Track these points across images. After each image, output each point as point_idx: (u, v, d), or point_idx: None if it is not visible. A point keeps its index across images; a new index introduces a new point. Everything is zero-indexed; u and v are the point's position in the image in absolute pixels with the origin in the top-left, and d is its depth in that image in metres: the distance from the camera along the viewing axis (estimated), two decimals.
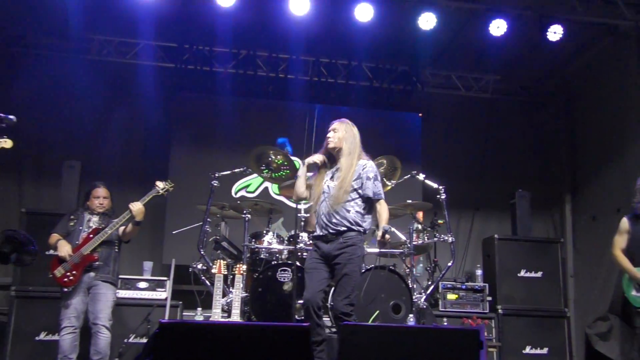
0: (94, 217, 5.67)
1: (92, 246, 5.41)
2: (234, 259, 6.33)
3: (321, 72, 9.03)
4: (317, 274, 4.71)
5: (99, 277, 5.45)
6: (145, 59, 8.60)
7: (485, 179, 9.20)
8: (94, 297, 5.42)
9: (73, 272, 5.35)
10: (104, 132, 8.36)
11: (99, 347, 5.34)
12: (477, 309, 7.08)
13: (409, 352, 2.70)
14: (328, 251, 4.72)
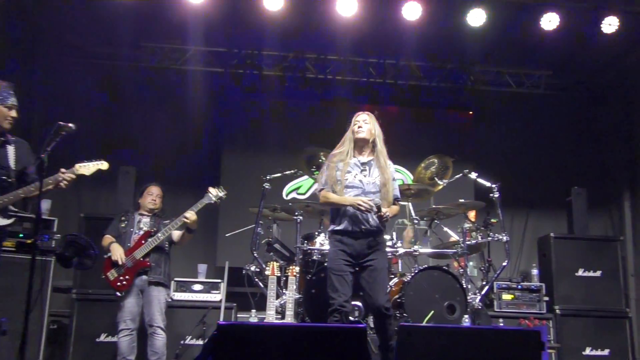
0: (144, 218, 5.77)
1: (145, 251, 5.50)
2: (286, 260, 6.35)
3: (369, 72, 9.01)
4: (347, 278, 4.58)
5: (151, 279, 5.53)
6: (196, 64, 8.73)
7: (539, 176, 9.01)
8: (148, 300, 5.51)
9: (126, 276, 5.46)
10: (157, 138, 8.51)
11: (155, 348, 5.44)
12: (533, 310, 6.93)
13: (469, 353, 2.66)
14: (360, 249, 4.61)
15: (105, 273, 5.47)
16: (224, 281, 6.59)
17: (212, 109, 8.77)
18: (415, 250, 6.17)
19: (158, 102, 8.62)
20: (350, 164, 4.71)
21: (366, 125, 4.82)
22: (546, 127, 9.17)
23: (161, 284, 5.59)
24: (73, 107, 7.97)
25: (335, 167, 4.70)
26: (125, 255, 5.49)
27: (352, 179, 4.68)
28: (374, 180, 4.70)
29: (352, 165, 4.71)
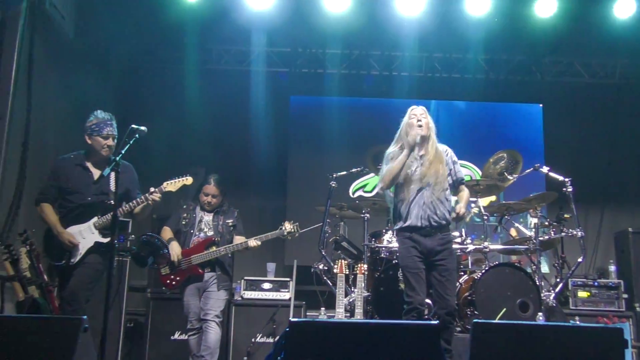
0: (205, 216, 5.65)
1: (203, 260, 5.42)
2: (354, 258, 6.36)
3: (435, 68, 8.91)
4: (422, 275, 4.52)
5: (220, 286, 5.48)
6: (261, 65, 8.84)
7: (615, 169, 8.70)
8: (207, 296, 5.45)
9: (177, 277, 5.42)
10: (225, 139, 8.68)
11: (208, 342, 5.33)
12: (612, 307, 6.70)
13: (546, 351, 2.57)
14: (431, 246, 4.53)
15: (159, 266, 5.41)
16: (293, 279, 6.64)
17: (277, 109, 8.86)
18: (485, 246, 6.06)
19: (225, 103, 8.76)
20: (412, 160, 4.67)
21: (425, 120, 4.77)
22: (621, 117, 8.83)
23: (226, 290, 5.59)
24: (145, 111, 8.20)
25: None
26: (182, 256, 5.42)
27: (413, 173, 4.65)
28: (434, 172, 4.62)
29: (412, 161, 4.68)
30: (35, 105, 6.18)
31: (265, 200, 5.66)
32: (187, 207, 5.72)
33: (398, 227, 4.70)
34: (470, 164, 8.72)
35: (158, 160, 8.45)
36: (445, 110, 9.04)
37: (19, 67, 6.02)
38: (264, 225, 8.49)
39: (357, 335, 2.51)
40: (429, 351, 2.45)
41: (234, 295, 6.64)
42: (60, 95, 6.92)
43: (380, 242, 6.18)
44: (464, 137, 8.93)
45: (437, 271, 4.53)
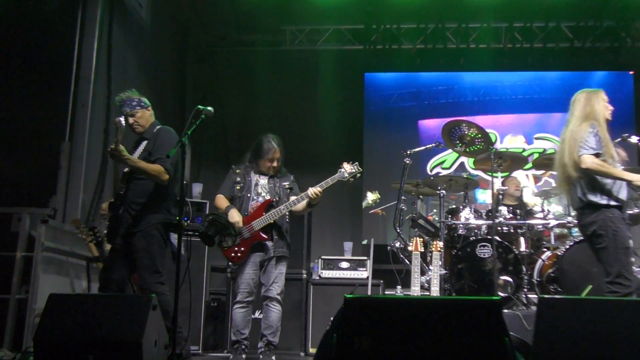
0: (261, 179, 5.20)
1: (265, 223, 4.98)
2: (431, 236, 6.24)
3: (515, 38, 8.57)
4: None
5: (277, 253, 5.07)
6: (335, 43, 8.80)
7: None
8: (268, 270, 5.07)
9: (242, 248, 5.00)
10: (301, 118, 8.70)
11: (270, 321, 5.04)
12: None
13: (617, 327, 2.42)
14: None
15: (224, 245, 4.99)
16: (370, 258, 6.58)
17: (353, 86, 8.80)
18: (569, 222, 5.80)
19: (298, 83, 8.79)
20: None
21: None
22: None
23: (285, 257, 5.17)
24: (220, 95, 8.34)
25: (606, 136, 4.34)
26: (244, 224, 4.99)
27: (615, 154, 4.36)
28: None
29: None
30: (115, 92, 6.35)
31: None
32: (240, 172, 5.26)
33: (607, 202, 4.29)
34: (554, 136, 8.39)
35: (232, 141, 8.61)
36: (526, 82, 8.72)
37: (99, 55, 6.22)
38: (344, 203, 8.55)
39: (414, 311, 2.44)
40: (490, 327, 2.35)
41: (312, 274, 6.66)
42: (139, 81, 7.10)
43: (457, 219, 6.02)
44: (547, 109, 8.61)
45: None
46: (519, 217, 5.89)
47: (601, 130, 4.30)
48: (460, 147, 6.20)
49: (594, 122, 4.33)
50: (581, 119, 4.43)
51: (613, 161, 4.21)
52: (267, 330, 5.08)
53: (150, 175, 4.42)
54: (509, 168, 6.48)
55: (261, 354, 5.08)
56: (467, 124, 6.11)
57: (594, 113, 4.40)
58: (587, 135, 4.27)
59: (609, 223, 4.20)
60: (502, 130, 8.55)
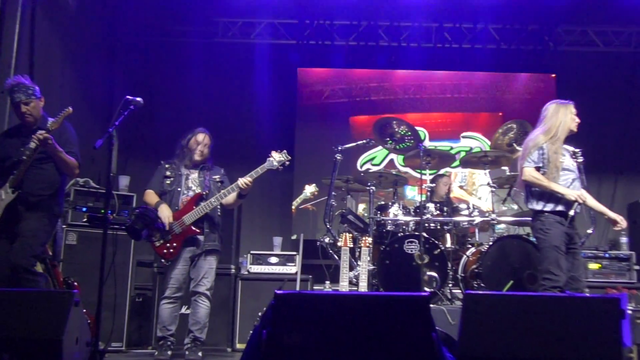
0: (192, 173, 5.21)
1: (196, 217, 4.97)
2: (360, 232, 6.30)
3: (445, 38, 8.75)
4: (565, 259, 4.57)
5: (206, 247, 5.06)
6: (268, 37, 8.74)
7: (629, 140, 8.52)
8: (198, 265, 5.05)
9: (173, 243, 4.97)
10: (231, 113, 8.60)
11: (198, 317, 5.04)
12: (623, 279, 6.60)
13: (540, 321, 2.51)
14: (573, 234, 4.68)
15: (153, 240, 5.00)
16: (299, 253, 6.59)
17: (285, 81, 8.77)
18: (493, 218, 5.98)
19: (231, 77, 8.68)
20: (561, 149, 4.72)
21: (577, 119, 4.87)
22: (636, 88, 8.62)
23: (215, 251, 5.15)
24: (150, 86, 8.15)
25: (555, 151, 4.66)
26: (174, 219, 4.97)
27: (567, 162, 4.73)
28: (576, 165, 4.81)
29: (563, 151, 4.73)
30: (39, 79, 6.08)
31: (272, 174, 5.56)
32: (169, 166, 5.26)
33: (551, 208, 4.62)
34: (479, 134, 8.62)
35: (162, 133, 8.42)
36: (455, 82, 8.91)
37: (21, 40, 5.94)
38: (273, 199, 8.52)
39: (344, 307, 2.45)
40: (418, 322, 2.39)
41: (240, 269, 6.61)
42: (64, 68, 6.86)
43: (386, 215, 6.10)
44: (474, 108, 8.83)
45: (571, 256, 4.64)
46: (445, 214, 6.02)
47: (551, 145, 4.62)
48: (390, 144, 6.30)
49: (544, 136, 4.67)
50: (542, 129, 4.76)
51: (557, 171, 4.54)
52: (195, 326, 5.04)
53: (67, 167, 4.35)
54: (437, 165, 6.62)
55: (187, 350, 5.03)
56: (397, 122, 6.21)
57: (557, 125, 4.71)
58: (531, 147, 4.67)
59: (542, 227, 4.58)
60: (431, 127, 8.71)
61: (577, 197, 4.48)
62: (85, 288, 4.81)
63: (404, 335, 2.41)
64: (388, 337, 2.41)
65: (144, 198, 5.17)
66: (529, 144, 4.73)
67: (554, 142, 4.64)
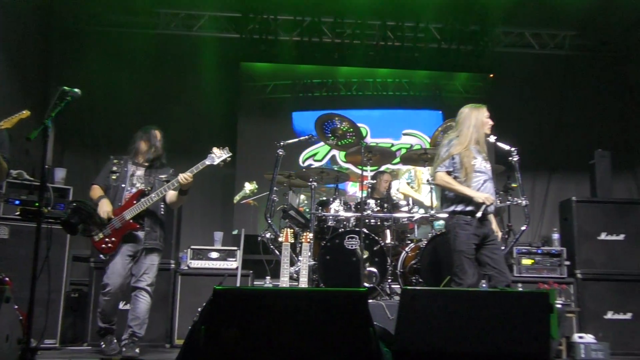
0: (138, 170, 5.16)
1: (136, 212, 4.93)
2: (302, 227, 6.32)
3: (387, 36, 8.85)
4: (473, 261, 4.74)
5: (147, 245, 5.02)
6: (211, 30, 8.65)
7: (562, 139, 8.83)
8: (139, 261, 5.01)
9: (112, 238, 4.90)
10: (173, 105, 8.48)
11: (137, 312, 4.98)
12: (554, 274, 6.81)
13: (474, 316, 2.59)
14: (487, 231, 4.80)
15: (90, 233, 4.92)
16: (240, 248, 6.56)
17: (228, 75, 8.69)
18: (431, 215, 6.09)
19: (175, 68, 8.55)
20: (474, 151, 4.85)
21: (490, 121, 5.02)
22: (569, 89, 8.95)
23: (157, 249, 5.11)
24: (89, 76, 7.95)
25: (466, 155, 4.79)
26: (114, 215, 4.91)
27: (479, 165, 4.83)
28: (489, 167, 4.93)
29: (475, 153, 4.85)
30: None
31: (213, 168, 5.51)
32: (117, 162, 5.19)
33: (461, 209, 4.76)
34: (420, 132, 8.77)
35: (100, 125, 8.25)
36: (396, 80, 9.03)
37: None
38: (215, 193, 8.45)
39: (283, 303, 2.46)
40: (356, 317, 2.42)
41: (180, 264, 6.54)
42: None
43: (328, 211, 6.14)
44: (415, 106, 8.97)
45: (487, 251, 4.77)
46: (385, 210, 6.10)
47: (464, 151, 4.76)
48: (332, 140, 6.34)
49: (455, 140, 4.83)
50: (455, 132, 4.91)
51: (468, 175, 4.70)
52: (134, 322, 4.99)
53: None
54: (378, 162, 6.70)
55: (124, 346, 4.96)
56: (339, 118, 6.25)
57: (470, 132, 4.83)
58: (443, 152, 4.85)
59: (451, 229, 4.78)
60: (373, 124, 8.80)
61: (484, 200, 4.62)
62: (17, 284, 4.67)
63: (342, 330, 2.44)
64: (326, 332, 2.44)
65: (90, 193, 5.10)
66: (442, 150, 4.88)
67: (466, 148, 4.79)
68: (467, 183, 4.70)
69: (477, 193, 4.67)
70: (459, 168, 4.73)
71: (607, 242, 7.09)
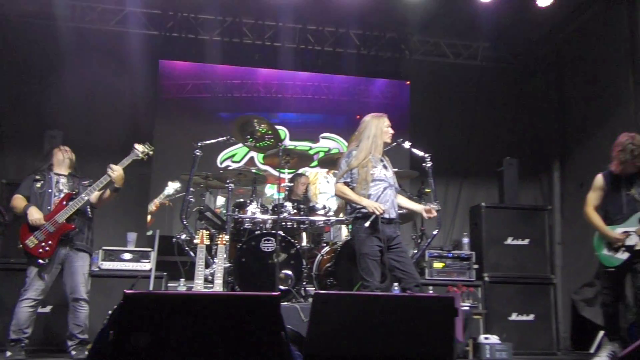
0: (61, 178, 5.39)
1: (68, 214, 5.15)
2: (218, 229, 6.28)
3: (308, 40, 8.91)
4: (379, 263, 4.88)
5: (76, 245, 5.23)
6: (130, 26, 8.44)
7: (474, 146, 9.13)
8: (71, 270, 5.21)
9: (49, 242, 5.10)
10: (88, 101, 8.22)
11: (79, 321, 5.21)
12: (463, 277, 7.07)
13: (383, 320, 2.67)
14: (389, 234, 4.94)
15: (24, 241, 5.11)
16: (154, 250, 6.45)
17: (147, 72, 8.49)
18: (347, 219, 6.17)
19: (91, 63, 8.27)
20: (374, 160, 5.01)
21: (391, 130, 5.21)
22: (481, 98, 9.27)
23: (85, 251, 5.32)
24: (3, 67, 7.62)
25: (364, 165, 4.95)
26: (46, 220, 5.11)
27: (379, 173, 5.00)
28: (391, 175, 5.12)
29: (375, 161, 5.02)
30: None
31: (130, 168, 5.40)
32: (38, 172, 5.42)
33: (362, 213, 4.91)
34: (338, 137, 8.88)
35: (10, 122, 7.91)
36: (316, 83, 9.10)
37: None
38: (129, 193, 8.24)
39: (194, 307, 2.45)
40: (268, 321, 2.45)
41: (91, 265, 6.35)
42: None
43: (244, 213, 6.13)
44: (333, 110, 9.07)
45: (393, 254, 4.93)
46: (302, 213, 6.15)
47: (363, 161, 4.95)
48: (250, 142, 6.34)
49: (355, 150, 5.03)
50: (357, 141, 5.12)
51: (367, 184, 4.90)
52: (77, 329, 5.21)
53: None
54: (296, 165, 6.75)
55: (74, 350, 5.17)
56: (258, 120, 6.26)
57: (369, 144, 5.03)
58: (342, 163, 5.06)
59: (355, 234, 4.97)
60: (292, 127, 8.84)
61: (374, 209, 4.78)
62: None
63: (254, 335, 2.46)
64: (238, 337, 2.45)
65: (12, 203, 5.30)
66: (342, 162, 5.08)
67: (365, 159, 4.98)
68: (366, 192, 4.89)
69: (369, 202, 4.84)
70: (357, 179, 4.93)
71: (513, 246, 7.44)
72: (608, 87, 7.85)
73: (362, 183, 4.90)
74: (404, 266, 4.93)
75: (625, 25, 7.41)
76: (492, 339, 6.10)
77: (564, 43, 8.96)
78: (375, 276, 4.81)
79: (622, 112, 7.46)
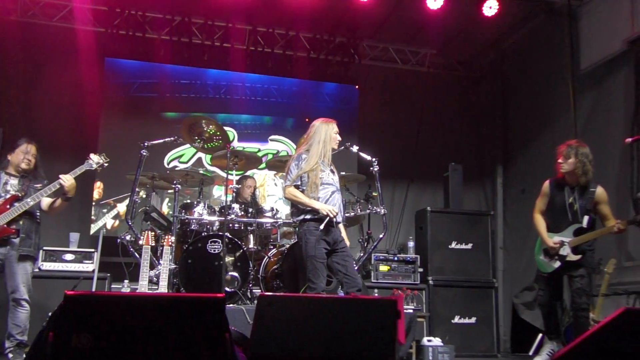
0: (11, 179, 5.21)
1: (10, 217, 4.99)
2: (164, 230, 6.21)
3: (258, 42, 8.89)
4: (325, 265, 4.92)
5: (20, 252, 5.07)
6: (74, 22, 8.25)
7: (420, 151, 9.27)
8: (12, 271, 5.06)
9: None
10: (31, 98, 8.00)
11: (18, 321, 5.06)
12: (408, 280, 7.18)
13: (327, 322, 2.69)
14: (336, 237, 5.01)
15: None
16: (98, 251, 6.33)
17: (93, 70, 8.31)
18: (294, 221, 6.18)
19: (33, 59, 8.06)
20: (322, 165, 5.07)
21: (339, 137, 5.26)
22: (428, 104, 9.42)
23: (30, 256, 5.17)
24: None
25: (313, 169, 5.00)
26: None
27: (327, 178, 5.06)
28: (337, 179, 5.22)
29: (324, 166, 5.08)
30: None
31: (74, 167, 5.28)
32: None
33: (310, 217, 4.95)
34: (287, 139, 8.89)
35: None
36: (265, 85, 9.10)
37: None
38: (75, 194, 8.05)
39: (137, 309, 2.42)
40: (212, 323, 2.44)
41: None
42: None
43: (191, 214, 6.07)
44: (282, 113, 9.07)
45: (338, 256, 5.00)
46: (249, 215, 6.14)
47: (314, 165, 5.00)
48: (198, 143, 6.27)
49: (305, 154, 5.07)
50: (306, 146, 5.14)
51: (316, 187, 4.96)
52: (16, 330, 5.05)
53: None
54: (245, 167, 6.73)
55: (10, 353, 5.01)
56: (206, 121, 6.20)
57: (319, 149, 5.07)
58: (292, 167, 5.08)
59: (302, 236, 4.99)
60: (240, 129, 8.80)
61: (327, 212, 4.85)
62: None
63: (198, 336, 2.45)
64: (182, 339, 2.43)
65: None
66: (292, 165, 5.11)
67: (315, 163, 5.04)
68: (315, 195, 4.95)
69: (322, 205, 4.91)
70: (307, 182, 4.98)
71: (457, 250, 7.59)
72: (549, 96, 8.10)
73: (312, 186, 4.95)
74: (347, 270, 4.99)
75: (567, 37, 7.66)
76: (435, 341, 6.19)
77: (509, 52, 9.22)
78: (321, 278, 4.85)
79: (562, 120, 7.71)
